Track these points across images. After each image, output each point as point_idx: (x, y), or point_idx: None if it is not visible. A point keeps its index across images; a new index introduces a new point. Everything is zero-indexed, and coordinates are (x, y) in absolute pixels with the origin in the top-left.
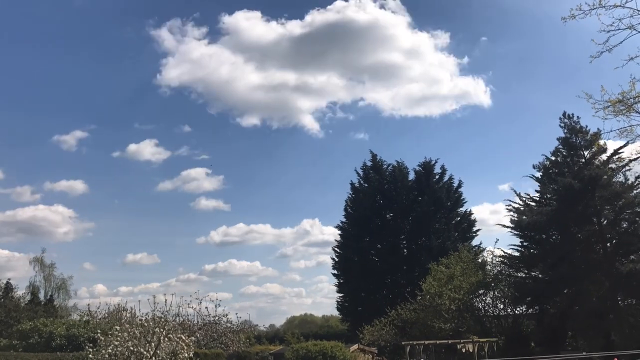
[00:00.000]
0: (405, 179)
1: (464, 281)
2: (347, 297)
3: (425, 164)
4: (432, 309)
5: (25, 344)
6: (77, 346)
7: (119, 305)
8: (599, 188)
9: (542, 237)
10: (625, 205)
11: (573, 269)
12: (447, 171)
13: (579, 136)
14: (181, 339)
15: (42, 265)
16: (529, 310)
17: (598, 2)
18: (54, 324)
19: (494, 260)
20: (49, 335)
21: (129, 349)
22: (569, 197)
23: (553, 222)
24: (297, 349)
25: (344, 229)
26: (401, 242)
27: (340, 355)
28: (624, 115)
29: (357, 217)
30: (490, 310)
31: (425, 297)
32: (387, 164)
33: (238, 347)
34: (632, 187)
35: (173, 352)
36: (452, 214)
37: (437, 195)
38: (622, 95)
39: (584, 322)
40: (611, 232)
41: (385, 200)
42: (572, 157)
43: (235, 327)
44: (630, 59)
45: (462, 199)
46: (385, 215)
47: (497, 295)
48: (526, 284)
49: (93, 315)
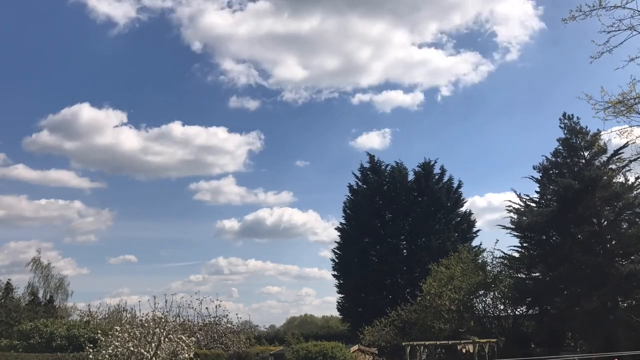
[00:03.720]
0: (404, 180)
1: (464, 282)
2: (347, 298)
3: (424, 165)
4: (432, 310)
5: (26, 344)
6: (78, 346)
7: (119, 305)
8: (599, 189)
9: (542, 238)
10: (626, 206)
11: (573, 270)
12: (446, 171)
13: (579, 137)
14: (181, 340)
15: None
16: (529, 311)
17: (598, 3)
18: (54, 324)
19: (494, 261)
20: (49, 336)
21: (129, 350)
22: (569, 197)
23: (553, 222)
24: (297, 350)
25: (343, 230)
26: (401, 242)
27: (340, 355)
28: (624, 116)
29: (357, 219)
30: (490, 311)
31: (426, 297)
32: (386, 165)
33: (238, 348)
34: (632, 188)
35: (173, 353)
36: (452, 215)
37: (436, 196)
38: (622, 96)
39: (584, 323)
40: (611, 233)
41: (385, 201)
42: (572, 158)
43: (236, 327)
44: (630, 60)
45: (462, 199)
46: (384, 216)
47: (497, 296)
48: (526, 285)
49: (93, 315)
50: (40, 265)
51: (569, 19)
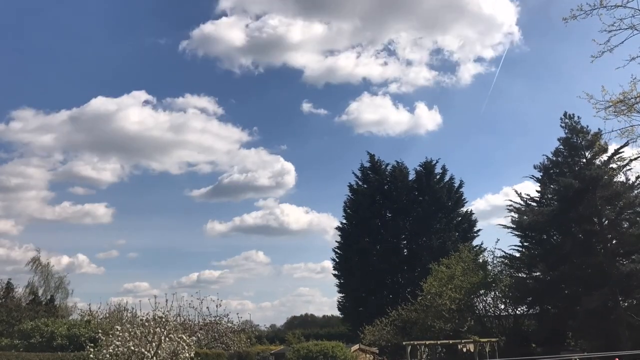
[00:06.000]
0: (405, 179)
1: (465, 281)
2: (348, 298)
3: (425, 164)
4: (432, 309)
5: (27, 343)
6: (79, 346)
7: (120, 305)
8: (599, 188)
9: (542, 237)
10: (626, 205)
11: (574, 269)
12: (447, 171)
13: (579, 136)
14: (182, 339)
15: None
16: (530, 310)
17: (599, 2)
18: (55, 323)
19: (494, 260)
20: (50, 335)
21: (130, 349)
22: (569, 197)
23: (554, 222)
24: (298, 349)
25: (344, 229)
26: (402, 242)
27: (341, 355)
28: (625, 115)
29: (357, 218)
30: (491, 311)
31: (426, 297)
32: (386, 164)
33: (239, 347)
34: (633, 187)
35: (174, 352)
36: (453, 214)
37: (437, 195)
38: (623, 96)
39: (585, 323)
40: (612, 232)
41: (386, 201)
42: (573, 157)
43: (236, 327)
44: (631, 59)
45: (463, 199)
46: (385, 216)
47: (497, 295)
48: (527, 284)
49: (94, 315)
50: (40, 264)
51: (569, 18)
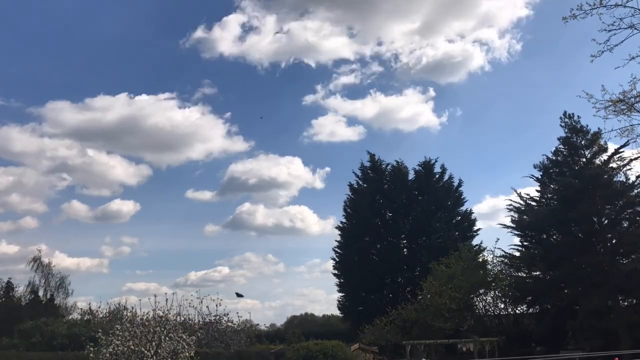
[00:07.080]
0: (405, 179)
1: (465, 280)
2: (348, 297)
3: (425, 164)
4: (432, 309)
5: (27, 343)
6: (79, 345)
7: (120, 304)
8: (599, 187)
9: (542, 237)
10: (626, 205)
11: (573, 269)
12: (447, 170)
13: (579, 136)
14: (182, 338)
15: (40, 265)
16: (530, 309)
17: (599, 2)
18: (55, 323)
19: (494, 260)
20: (50, 335)
21: (130, 348)
22: (569, 196)
23: (554, 221)
24: (298, 348)
25: (343, 229)
26: (401, 241)
27: (341, 354)
28: (624, 114)
29: (357, 217)
30: (491, 310)
31: (426, 296)
32: (386, 164)
33: (239, 347)
34: (633, 187)
35: (174, 352)
36: (453, 214)
37: (437, 195)
38: (623, 95)
39: (585, 322)
40: (612, 232)
41: (385, 200)
42: (573, 156)
43: (236, 326)
44: (631, 59)
45: (462, 198)
46: (385, 215)
47: (497, 295)
48: (527, 284)
49: (94, 314)
50: (41, 264)
51: (569, 18)
